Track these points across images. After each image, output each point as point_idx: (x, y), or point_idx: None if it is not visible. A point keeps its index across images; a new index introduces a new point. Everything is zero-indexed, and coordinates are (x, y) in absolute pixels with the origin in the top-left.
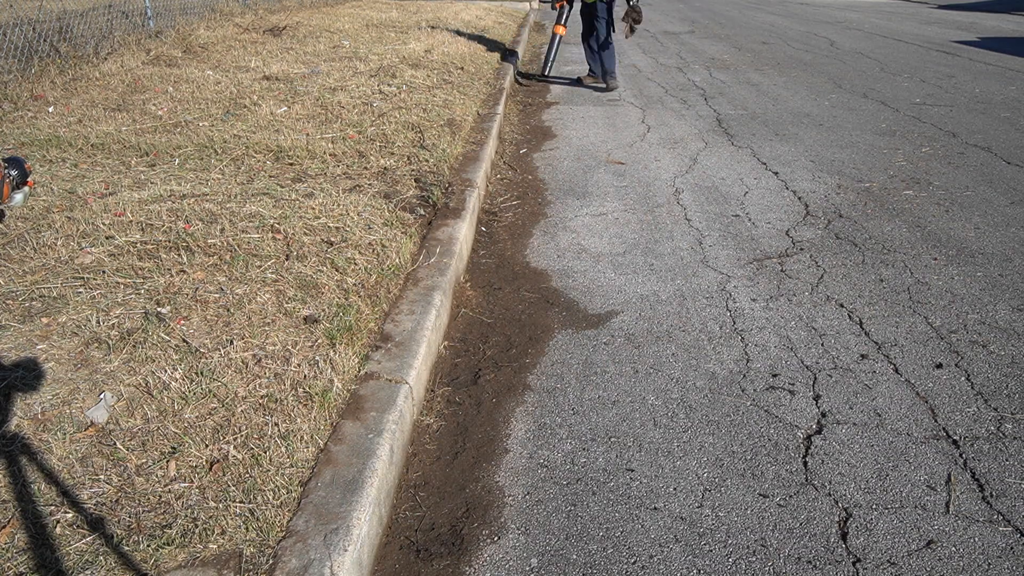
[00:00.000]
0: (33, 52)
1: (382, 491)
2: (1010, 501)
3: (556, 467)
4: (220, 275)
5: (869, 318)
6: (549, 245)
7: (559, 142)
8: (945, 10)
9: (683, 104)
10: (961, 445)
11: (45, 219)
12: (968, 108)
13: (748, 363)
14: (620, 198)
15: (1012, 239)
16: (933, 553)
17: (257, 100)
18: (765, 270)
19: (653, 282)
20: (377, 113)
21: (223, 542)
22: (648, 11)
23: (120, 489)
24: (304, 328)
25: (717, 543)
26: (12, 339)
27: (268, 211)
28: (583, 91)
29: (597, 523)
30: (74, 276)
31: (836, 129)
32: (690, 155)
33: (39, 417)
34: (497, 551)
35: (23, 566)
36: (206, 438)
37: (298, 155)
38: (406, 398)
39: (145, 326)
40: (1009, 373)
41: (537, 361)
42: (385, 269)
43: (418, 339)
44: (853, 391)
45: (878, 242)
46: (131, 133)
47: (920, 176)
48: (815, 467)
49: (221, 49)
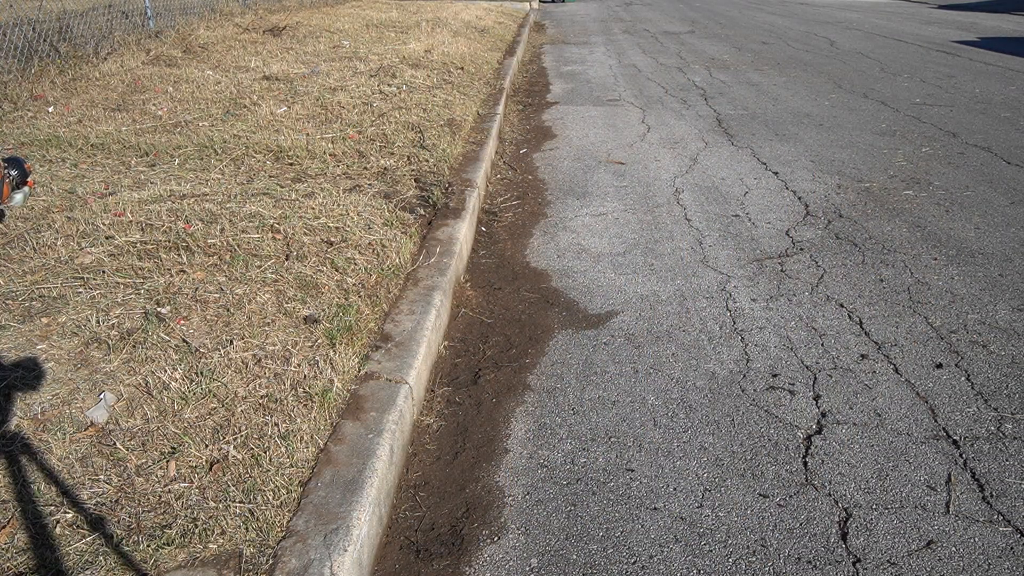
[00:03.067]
0: (33, 52)
1: (382, 491)
2: (1010, 501)
3: (556, 467)
4: (220, 275)
5: (869, 318)
6: (549, 245)
7: (559, 142)
8: (945, 10)
9: (683, 104)
10: (961, 445)
11: (45, 219)
12: (968, 108)
13: (748, 363)
14: (620, 198)
15: (1012, 239)
16: (933, 553)
17: (257, 100)
18: (765, 270)
19: (653, 282)
20: (377, 113)
21: (223, 542)
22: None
23: (120, 489)
24: (304, 328)
25: (717, 543)
26: (12, 339)
27: (268, 211)
28: (583, 91)
29: (597, 523)
30: (74, 276)
31: (836, 129)
32: (690, 155)
33: (39, 417)
34: (497, 551)
35: (23, 566)
36: (206, 438)
37: (298, 155)
38: (406, 398)
39: (145, 326)
40: (1009, 373)
41: (537, 361)
42: (385, 269)
43: (418, 339)
44: (853, 391)
45: (878, 242)
46: (131, 133)
47: (920, 176)
48: (815, 467)
49: (221, 49)
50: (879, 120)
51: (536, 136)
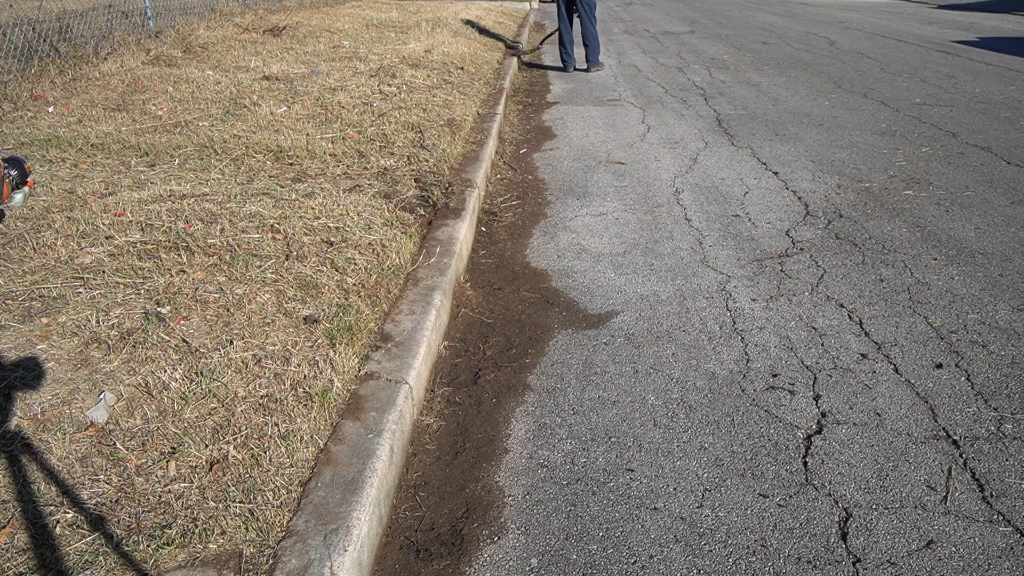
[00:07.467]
0: (33, 52)
1: (382, 491)
2: (1010, 501)
3: (556, 467)
4: (220, 275)
5: (869, 318)
6: (549, 245)
7: (559, 142)
8: (945, 10)
9: (683, 104)
10: (961, 445)
11: (45, 219)
12: (968, 108)
13: (748, 363)
14: (620, 198)
15: (1012, 239)
16: (933, 553)
17: (257, 100)
18: (765, 270)
19: (653, 282)
20: (377, 113)
21: (223, 542)
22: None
23: (120, 489)
24: (304, 328)
25: (717, 543)
26: (12, 339)
27: (268, 211)
28: (583, 91)
29: (597, 523)
30: (74, 276)
31: (836, 129)
32: (690, 155)
33: (39, 417)
34: (497, 551)
35: (23, 566)
36: (206, 438)
37: (298, 155)
38: (406, 398)
39: (145, 326)
40: (1009, 373)
41: (537, 361)
42: (385, 269)
43: (418, 339)
44: (853, 391)
45: (878, 242)
46: (131, 133)
47: (920, 176)
48: (815, 467)
49: (221, 49)
50: (879, 120)
51: (536, 136)
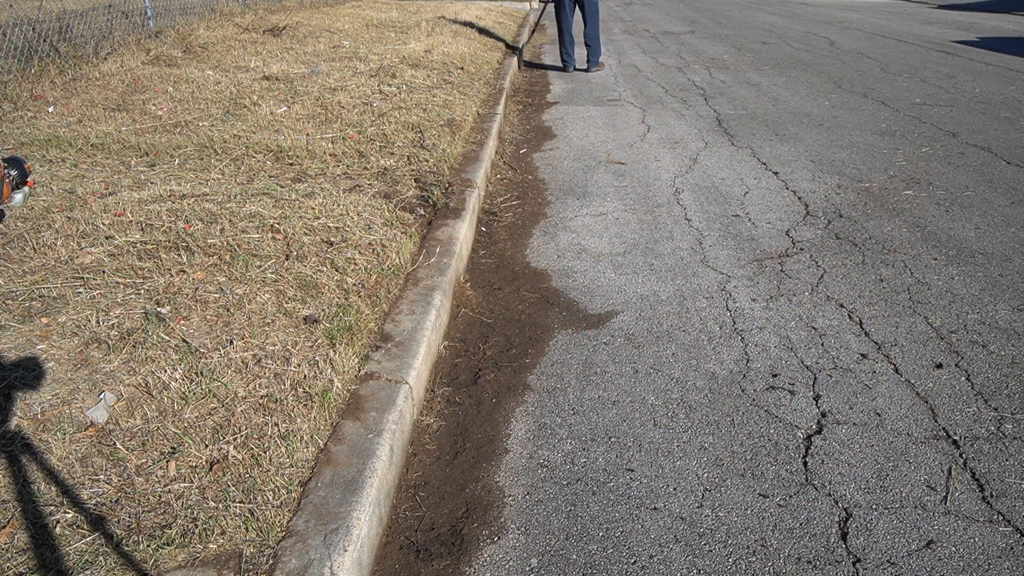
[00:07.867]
0: (33, 52)
1: (382, 491)
2: (1010, 501)
3: (556, 467)
4: (220, 275)
5: (869, 318)
6: (549, 245)
7: (559, 142)
8: (945, 10)
9: (683, 104)
10: (961, 445)
11: (45, 219)
12: (968, 108)
13: (748, 363)
14: (620, 198)
15: (1012, 239)
16: (933, 553)
17: (257, 100)
18: (765, 270)
19: (653, 282)
20: (377, 113)
21: (223, 542)
22: (648, 11)
23: (120, 489)
24: (304, 328)
25: (717, 543)
26: (12, 339)
27: (268, 211)
28: (583, 91)
29: (597, 523)
30: (74, 276)
31: (836, 129)
32: (690, 155)
33: (39, 417)
34: (497, 551)
35: (23, 566)
36: (206, 438)
37: (298, 155)
38: (406, 398)
39: (145, 326)
40: (1009, 373)
41: (537, 361)
42: (385, 269)
43: (418, 339)
44: (853, 391)
45: (878, 242)
46: (131, 133)
47: (920, 176)
48: (815, 467)
49: (221, 49)
50: (879, 120)
51: (536, 136)
